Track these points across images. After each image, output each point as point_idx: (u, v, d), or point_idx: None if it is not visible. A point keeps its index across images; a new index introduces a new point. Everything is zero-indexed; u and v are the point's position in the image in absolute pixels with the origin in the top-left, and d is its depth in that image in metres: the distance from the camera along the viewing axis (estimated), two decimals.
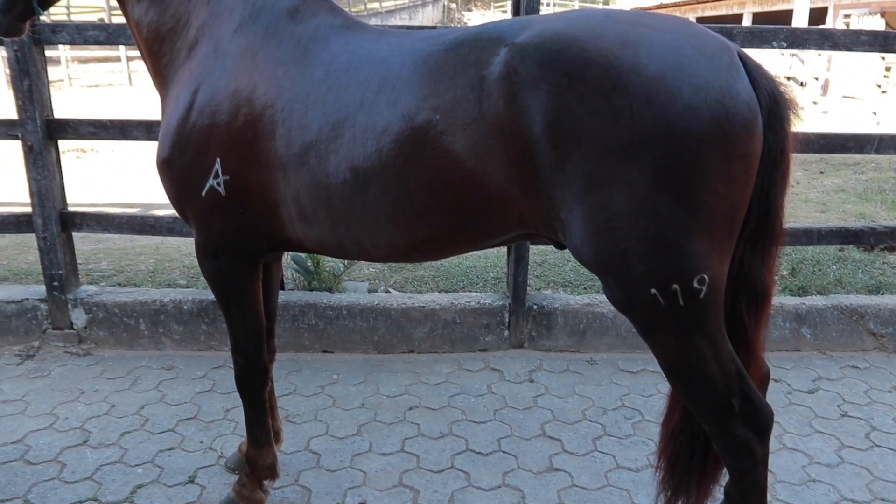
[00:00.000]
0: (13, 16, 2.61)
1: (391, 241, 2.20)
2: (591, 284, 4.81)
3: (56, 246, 4.19)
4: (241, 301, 2.52)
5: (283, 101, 2.19)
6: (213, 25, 2.36)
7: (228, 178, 2.28)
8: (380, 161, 2.06)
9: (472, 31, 2.11)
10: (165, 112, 2.44)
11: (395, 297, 4.27)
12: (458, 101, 1.99)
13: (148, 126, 4.01)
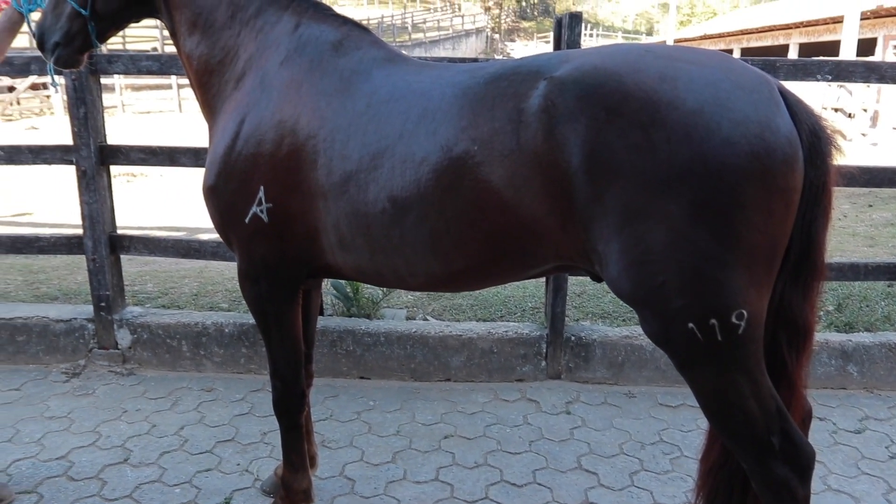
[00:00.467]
0: (73, 48, 2.73)
1: (428, 271, 2.22)
2: (630, 316, 4.76)
3: (105, 268, 4.31)
4: (281, 326, 2.57)
5: (325, 131, 2.25)
6: (260, 58, 2.44)
7: (271, 205, 2.34)
8: (418, 191, 2.10)
9: (512, 64, 2.14)
10: (213, 141, 2.51)
11: (433, 325, 4.29)
12: (496, 133, 2.02)
13: (196, 153, 4.12)
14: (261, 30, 2.48)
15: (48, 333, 4.46)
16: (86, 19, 2.65)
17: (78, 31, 2.68)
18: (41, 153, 4.27)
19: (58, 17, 2.69)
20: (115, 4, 2.65)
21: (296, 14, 2.47)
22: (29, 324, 4.46)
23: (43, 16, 2.76)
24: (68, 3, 2.63)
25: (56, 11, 2.69)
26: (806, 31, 26.61)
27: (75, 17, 2.66)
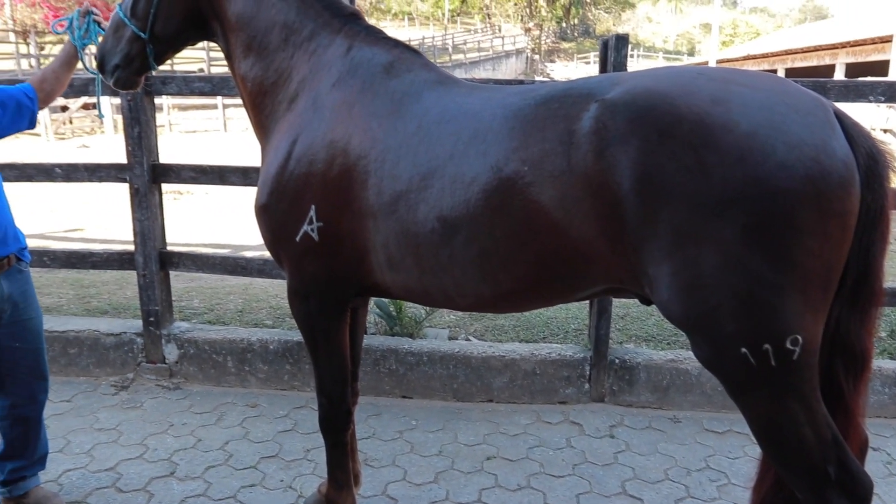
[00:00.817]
0: (131, 70, 2.81)
1: (477, 291, 2.23)
2: (675, 340, 4.70)
3: (154, 283, 4.40)
4: (329, 344, 2.59)
5: (376, 151, 2.28)
6: (312, 80, 2.49)
7: (322, 224, 2.37)
8: (467, 211, 2.11)
9: (562, 86, 2.15)
10: (265, 160, 2.57)
11: (476, 346, 4.29)
12: (546, 154, 2.02)
13: (244, 172, 4.20)
14: (314, 52, 2.53)
15: (99, 347, 4.56)
16: (144, 42, 2.73)
17: (137, 53, 2.77)
18: (96, 171, 4.40)
19: (118, 41, 2.78)
20: (174, 28, 2.73)
21: (348, 37, 2.52)
22: (81, 337, 4.58)
23: (104, 39, 2.86)
24: (128, 26, 2.72)
25: (117, 35, 2.78)
26: (853, 51, 26.15)
27: (135, 40, 2.74)
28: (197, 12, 2.72)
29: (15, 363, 2.99)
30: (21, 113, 3.05)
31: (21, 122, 3.07)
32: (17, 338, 2.96)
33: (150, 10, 2.69)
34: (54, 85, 3.18)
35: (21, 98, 3.03)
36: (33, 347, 3.03)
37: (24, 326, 2.98)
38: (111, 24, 2.83)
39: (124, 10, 2.75)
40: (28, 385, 3.04)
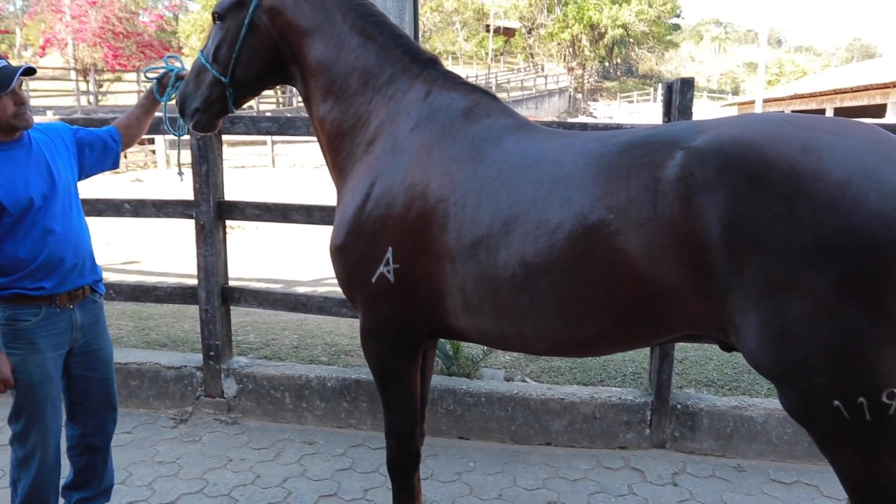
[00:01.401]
0: (211, 113, 2.89)
1: (556, 336, 2.22)
2: (736, 385, 4.60)
3: (216, 318, 4.47)
4: (400, 385, 2.60)
5: (456, 195, 2.30)
6: (391, 123, 2.54)
7: (398, 266, 2.39)
8: (551, 257, 2.11)
9: (644, 133, 2.16)
10: (342, 202, 2.60)
11: (534, 388, 4.25)
12: (632, 202, 2.02)
13: (308, 210, 4.27)
14: (392, 96, 2.58)
15: (159, 379, 4.63)
16: (225, 87, 2.81)
17: (217, 97, 2.84)
18: (164, 207, 4.51)
19: (199, 85, 2.86)
20: (254, 72, 2.81)
21: (426, 82, 2.57)
22: (142, 369, 4.65)
23: (185, 83, 2.95)
24: (210, 71, 2.81)
25: (198, 79, 2.87)
26: None
27: (215, 84, 2.82)
28: (277, 57, 2.80)
29: (85, 393, 3.05)
30: (106, 154, 3.17)
31: (105, 163, 3.20)
32: (88, 367, 3.02)
33: (231, 56, 2.77)
34: (136, 129, 3.32)
35: (107, 140, 3.16)
36: (104, 377, 3.09)
37: (95, 356, 3.04)
38: (192, 69, 2.93)
39: (206, 55, 2.84)
40: (98, 415, 3.10)
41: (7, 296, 2.76)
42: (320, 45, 2.69)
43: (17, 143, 2.79)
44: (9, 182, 2.70)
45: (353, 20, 2.66)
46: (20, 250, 2.74)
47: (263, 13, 2.73)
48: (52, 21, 32.56)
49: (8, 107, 2.67)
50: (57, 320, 2.84)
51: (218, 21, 2.82)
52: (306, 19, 2.70)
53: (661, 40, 60.25)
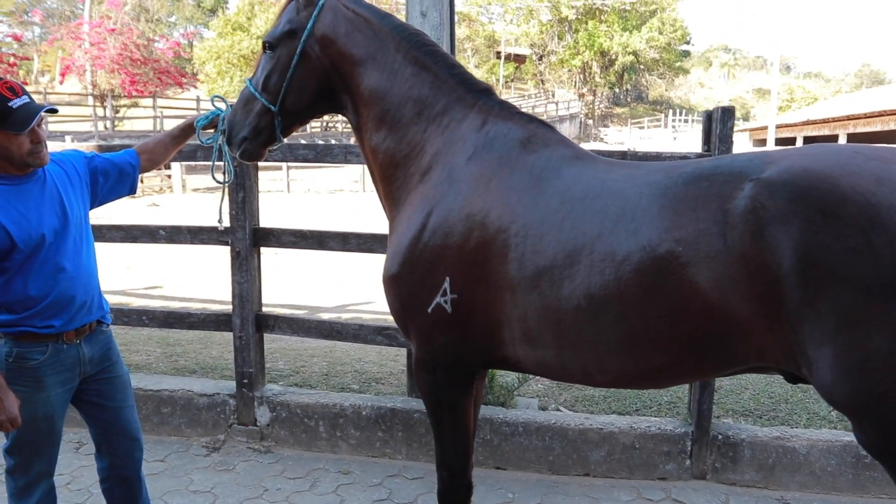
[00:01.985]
0: (258, 142, 2.88)
1: (621, 368, 2.20)
2: (774, 415, 4.54)
3: (250, 345, 4.45)
4: (454, 416, 2.57)
5: (517, 226, 2.29)
6: (446, 153, 2.53)
7: (456, 296, 2.37)
8: (618, 289, 2.09)
9: (709, 164, 2.14)
10: (397, 231, 2.59)
11: (573, 417, 4.20)
12: (701, 234, 2.01)
13: (344, 237, 4.27)
14: (447, 126, 2.57)
15: (191, 407, 4.61)
16: (274, 115, 2.81)
17: (265, 126, 2.83)
18: (199, 234, 4.52)
19: (247, 114, 2.85)
20: (304, 101, 2.81)
21: (482, 112, 2.56)
22: (174, 396, 4.63)
23: (232, 112, 2.95)
24: (259, 100, 2.81)
25: (246, 108, 2.86)
26: None
27: (264, 113, 2.82)
28: (328, 87, 2.80)
29: (107, 422, 2.99)
30: (122, 181, 3.10)
31: (122, 190, 3.14)
32: (104, 396, 2.96)
33: (282, 85, 2.77)
34: (161, 155, 3.26)
35: (124, 166, 3.10)
36: (122, 405, 3.01)
37: (111, 384, 2.97)
38: (240, 99, 2.92)
39: (254, 84, 2.84)
40: (123, 443, 3.04)
41: (15, 333, 2.71)
42: (373, 74, 2.68)
43: (31, 177, 2.73)
44: (22, 218, 2.65)
45: (406, 50, 2.67)
46: (31, 288, 2.69)
47: (315, 42, 2.74)
48: (72, 48, 33.05)
49: (24, 144, 2.61)
50: (63, 357, 2.79)
51: (268, 50, 2.82)
52: (359, 49, 2.70)
53: (672, 66, 60.56)
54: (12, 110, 2.56)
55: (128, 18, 33.96)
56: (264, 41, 2.84)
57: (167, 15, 49.24)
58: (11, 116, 2.55)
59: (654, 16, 53.63)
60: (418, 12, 4.13)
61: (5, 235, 2.62)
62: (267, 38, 2.82)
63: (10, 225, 2.63)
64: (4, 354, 2.74)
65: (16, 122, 2.56)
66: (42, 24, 42.25)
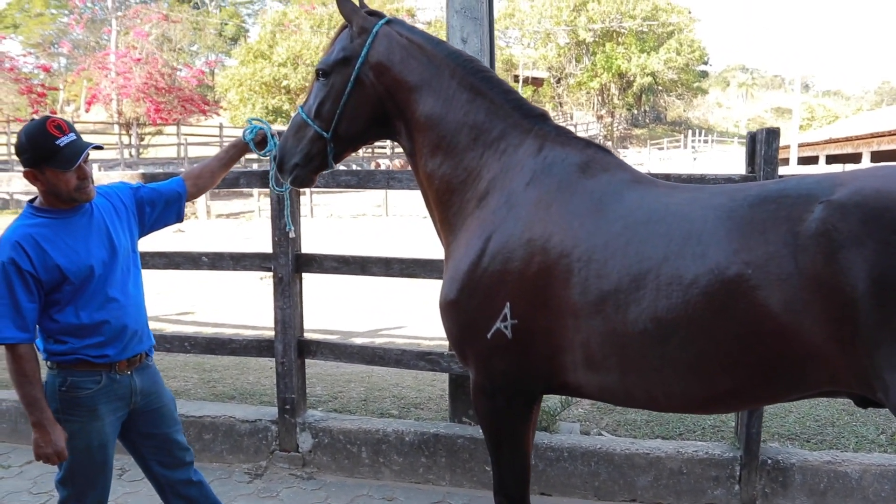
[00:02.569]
0: (310, 168, 2.92)
1: (687, 392, 2.18)
2: (821, 439, 4.47)
3: (292, 371, 4.47)
4: (513, 442, 2.55)
5: (579, 250, 2.29)
6: (504, 178, 2.54)
7: (517, 321, 2.37)
8: (686, 313, 2.08)
9: (774, 187, 2.14)
10: (453, 256, 2.60)
11: (618, 442, 4.16)
12: (771, 256, 2.00)
13: (386, 263, 4.28)
14: (504, 151, 2.59)
15: (233, 433, 4.62)
16: (326, 142, 2.84)
17: (317, 153, 2.86)
18: (241, 260, 4.57)
19: (299, 140, 2.88)
20: (358, 128, 2.84)
21: (539, 137, 2.58)
22: (216, 422, 4.65)
23: (283, 139, 2.98)
24: (311, 127, 2.84)
25: (297, 135, 2.89)
26: None
27: (317, 139, 2.85)
28: (382, 113, 2.83)
29: (156, 448, 3.03)
30: (169, 209, 3.17)
31: (169, 218, 3.20)
32: (154, 425, 2.99)
33: (335, 112, 2.80)
34: (208, 181, 3.32)
35: (170, 194, 3.16)
36: (171, 430, 3.06)
37: (159, 413, 3.01)
38: (292, 125, 2.94)
39: (307, 111, 2.86)
40: (180, 466, 3.08)
41: (70, 361, 2.76)
42: (429, 100, 2.71)
43: (78, 210, 2.80)
44: (70, 251, 2.71)
45: (461, 76, 2.69)
46: (83, 318, 2.75)
47: (370, 69, 2.76)
48: (98, 78, 33.70)
49: (71, 181, 2.68)
50: (117, 387, 2.84)
51: (321, 78, 2.85)
52: (414, 75, 2.72)
53: (690, 87, 60.54)
54: (60, 148, 2.64)
55: (152, 48, 34.56)
56: (317, 69, 2.88)
57: (189, 44, 50.05)
58: (59, 154, 2.63)
59: (672, 37, 53.77)
60: (459, 39, 4.17)
61: (56, 268, 2.69)
62: (320, 66, 2.85)
63: (60, 258, 2.70)
64: (57, 385, 2.78)
65: (63, 160, 2.64)
66: (69, 56, 43.16)
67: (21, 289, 2.66)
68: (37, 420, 2.67)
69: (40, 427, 2.67)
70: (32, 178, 2.73)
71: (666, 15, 53.24)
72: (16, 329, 2.65)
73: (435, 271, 4.21)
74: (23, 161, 2.72)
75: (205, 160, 3.46)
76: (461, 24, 4.19)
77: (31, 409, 2.68)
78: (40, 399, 2.69)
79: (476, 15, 4.16)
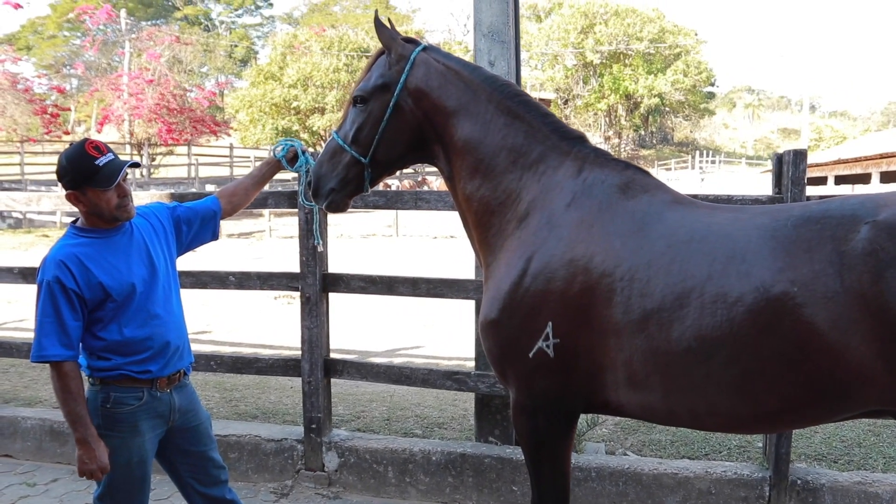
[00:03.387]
0: (345, 193, 2.91)
1: (732, 411, 2.20)
2: (848, 459, 4.46)
3: (318, 390, 4.49)
4: (554, 461, 2.57)
5: (622, 269, 2.32)
6: (544, 200, 2.57)
7: (559, 340, 2.40)
8: (731, 330, 2.11)
9: (818, 207, 2.17)
10: (493, 276, 2.62)
11: (646, 462, 4.16)
12: (817, 275, 2.03)
13: (413, 283, 4.32)
14: (543, 173, 2.62)
15: (259, 452, 4.63)
16: (364, 167, 2.85)
17: (354, 177, 2.87)
18: (268, 280, 4.61)
19: (335, 166, 2.87)
20: (397, 153, 2.86)
21: (578, 159, 2.61)
22: (241, 442, 4.66)
23: (318, 164, 2.96)
24: (348, 152, 2.84)
25: (334, 160, 2.88)
26: None
27: (353, 164, 2.85)
28: (421, 138, 2.85)
29: (192, 465, 3.07)
30: (205, 227, 3.24)
31: (205, 236, 3.27)
32: (191, 442, 3.05)
33: (374, 138, 2.81)
34: (242, 199, 3.40)
35: (206, 213, 3.23)
36: (207, 448, 3.11)
37: (196, 431, 3.06)
38: (327, 150, 2.94)
39: (343, 137, 2.87)
40: (216, 483, 3.12)
41: (114, 377, 2.81)
42: (467, 124, 2.74)
43: (119, 230, 2.88)
44: (113, 269, 2.79)
45: (498, 100, 2.73)
46: (126, 334, 2.82)
47: (408, 95, 2.80)
48: (111, 99, 34.06)
49: (112, 199, 2.76)
50: (157, 404, 2.89)
51: (359, 104, 2.87)
52: (452, 100, 2.76)
53: (697, 108, 60.73)
54: (99, 168, 2.72)
55: (164, 69, 34.95)
56: (355, 95, 2.89)
57: (199, 66, 50.59)
58: (99, 174, 2.71)
59: (679, 58, 54.03)
60: (486, 62, 4.23)
61: (99, 286, 2.76)
62: (358, 92, 2.88)
63: (103, 275, 2.76)
64: (101, 401, 2.83)
65: (102, 179, 2.72)
66: (81, 77, 43.66)
67: (66, 307, 2.72)
68: (81, 436, 2.72)
69: (84, 443, 2.72)
70: (75, 199, 2.81)
71: (673, 37, 53.54)
72: (61, 347, 2.71)
73: (462, 291, 4.25)
74: (65, 184, 2.79)
75: (239, 178, 3.51)
76: (488, 48, 4.25)
77: (75, 425, 2.73)
78: (84, 416, 2.74)
79: (503, 38, 4.23)
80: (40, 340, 2.71)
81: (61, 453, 4.94)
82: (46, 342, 2.70)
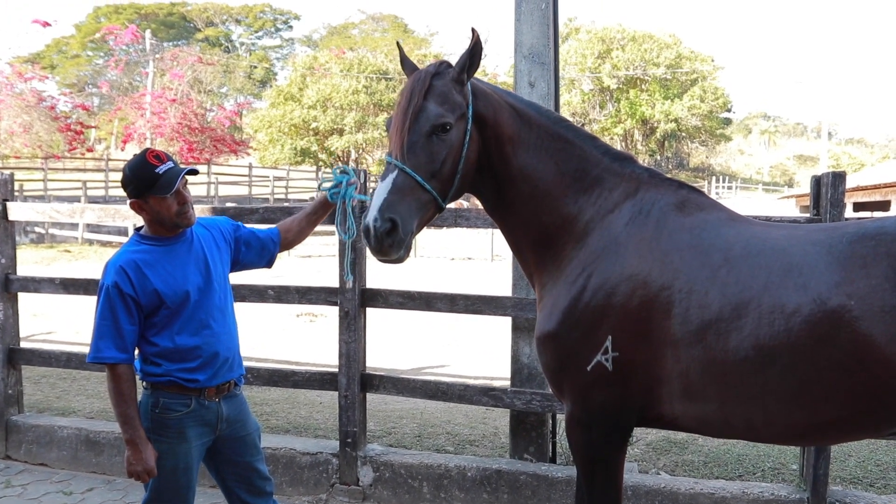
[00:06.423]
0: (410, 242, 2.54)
1: (789, 421, 2.24)
2: (885, 483, 4.44)
3: (355, 405, 4.53)
4: (608, 474, 2.60)
5: (680, 282, 2.37)
6: (602, 220, 2.60)
7: (617, 354, 2.44)
8: (788, 340, 2.16)
9: (871, 225, 2.23)
10: (551, 294, 2.63)
11: (682, 482, 4.17)
12: (873, 290, 2.09)
13: (452, 299, 4.37)
14: (599, 195, 2.65)
15: (294, 465, 4.67)
16: (439, 208, 2.59)
17: (429, 217, 2.62)
18: (307, 294, 4.67)
19: (411, 206, 2.48)
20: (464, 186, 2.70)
21: (632, 180, 2.66)
22: (276, 455, 4.70)
23: (388, 204, 2.44)
24: (430, 193, 2.52)
25: (409, 199, 2.48)
26: None
27: (430, 203, 2.55)
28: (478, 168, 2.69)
29: (238, 476, 3.12)
30: (262, 255, 3.31)
31: (260, 262, 3.33)
32: (238, 453, 3.11)
33: (456, 171, 2.58)
34: (296, 236, 3.39)
35: (266, 241, 3.30)
36: (253, 458, 3.16)
37: (243, 441, 3.12)
38: (398, 188, 2.47)
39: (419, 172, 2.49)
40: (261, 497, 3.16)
41: (164, 382, 2.89)
42: (521, 152, 2.68)
43: (180, 238, 2.97)
44: (168, 276, 2.88)
45: (546, 126, 2.72)
46: (177, 341, 2.90)
47: (474, 124, 2.61)
48: (134, 117, 34.57)
49: (172, 206, 2.85)
50: (205, 412, 2.95)
51: (441, 133, 2.53)
52: (508, 128, 2.68)
53: (713, 134, 60.73)
54: (159, 175, 2.82)
55: (187, 88, 35.46)
56: (443, 123, 2.52)
57: (219, 86, 51.28)
58: (159, 181, 2.81)
59: (696, 84, 54.15)
60: (526, 83, 4.32)
61: (154, 292, 2.85)
62: (446, 121, 2.52)
63: (159, 283, 2.85)
64: (151, 405, 2.91)
65: (162, 186, 2.81)
66: (102, 95, 44.34)
67: (122, 311, 2.82)
68: (130, 437, 2.80)
69: (133, 445, 2.80)
70: (138, 208, 2.90)
71: (690, 63, 53.71)
72: (116, 350, 2.81)
73: (500, 308, 4.30)
74: (128, 193, 2.89)
75: (296, 214, 3.45)
76: (529, 69, 4.34)
77: (125, 426, 2.82)
78: (134, 417, 2.82)
79: (544, 60, 4.31)
80: (97, 343, 2.83)
81: (97, 463, 5.00)
82: (102, 344, 2.82)
